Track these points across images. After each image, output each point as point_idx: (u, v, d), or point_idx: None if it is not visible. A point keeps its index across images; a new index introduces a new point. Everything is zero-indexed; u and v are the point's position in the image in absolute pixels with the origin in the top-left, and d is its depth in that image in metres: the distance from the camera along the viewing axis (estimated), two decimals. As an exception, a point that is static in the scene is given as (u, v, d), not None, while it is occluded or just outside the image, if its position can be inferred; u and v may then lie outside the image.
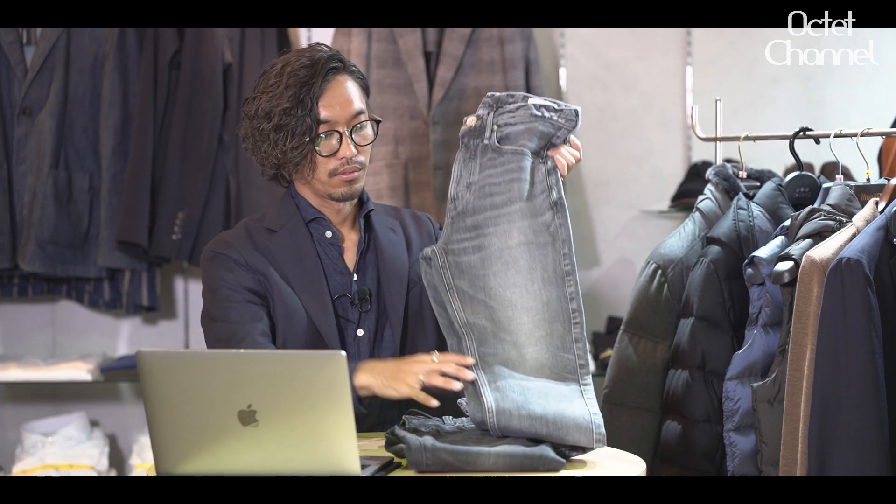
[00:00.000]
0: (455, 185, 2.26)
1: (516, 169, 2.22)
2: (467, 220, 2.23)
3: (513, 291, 2.20)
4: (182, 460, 1.88)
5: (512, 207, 2.22)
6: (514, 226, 2.21)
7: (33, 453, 3.85)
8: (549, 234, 2.21)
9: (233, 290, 2.31)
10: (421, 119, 3.96)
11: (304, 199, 2.40)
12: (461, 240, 2.23)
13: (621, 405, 2.64)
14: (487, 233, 2.22)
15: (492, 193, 2.23)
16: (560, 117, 2.24)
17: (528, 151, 2.22)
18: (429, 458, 1.97)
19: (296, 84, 2.30)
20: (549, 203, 2.22)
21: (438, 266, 2.22)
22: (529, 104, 2.24)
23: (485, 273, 2.21)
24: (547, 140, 2.23)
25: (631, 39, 4.27)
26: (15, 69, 3.85)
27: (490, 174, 2.23)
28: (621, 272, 4.27)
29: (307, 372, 1.83)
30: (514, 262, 2.21)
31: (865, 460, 2.13)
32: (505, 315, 2.19)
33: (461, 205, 2.25)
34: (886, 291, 2.20)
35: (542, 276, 2.20)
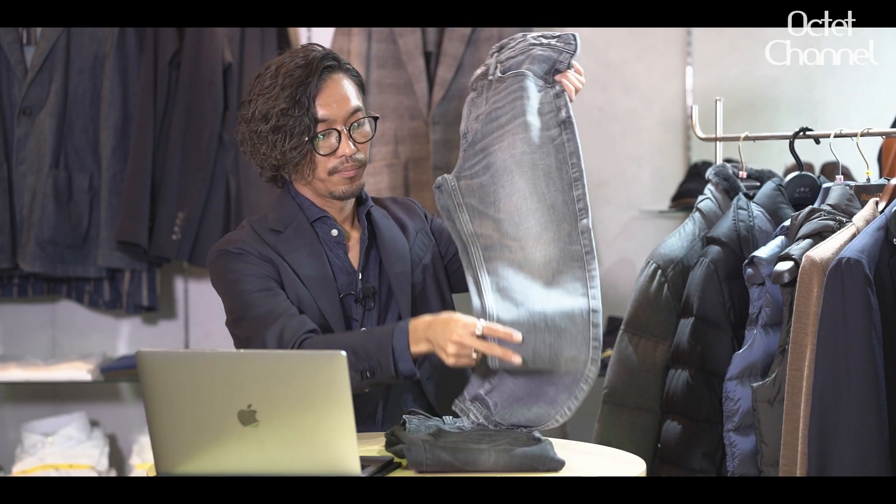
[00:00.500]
0: (465, 122, 2.33)
1: (518, 89, 2.28)
2: (476, 147, 2.30)
3: (518, 197, 2.24)
4: (182, 460, 1.88)
5: (516, 122, 2.27)
6: (517, 137, 2.27)
7: (33, 453, 3.85)
8: (554, 146, 2.26)
9: (257, 277, 2.30)
10: (421, 119, 3.96)
11: (307, 199, 2.39)
12: (472, 165, 2.30)
13: (621, 405, 2.64)
14: (493, 150, 2.28)
15: (497, 117, 2.29)
16: (558, 41, 2.32)
17: (529, 73, 2.29)
18: (429, 458, 1.97)
19: (292, 84, 2.30)
20: (556, 121, 2.28)
21: (449, 190, 2.29)
22: (528, 37, 2.33)
23: (494, 188, 2.27)
24: (550, 64, 2.30)
25: (631, 39, 4.27)
26: (15, 69, 3.85)
27: (495, 101, 2.30)
28: (621, 272, 4.27)
29: (307, 372, 1.83)
30: (519, 168, 2.25)
31: (865, 460, 2.13)
32: (512, 223, 2.24)
33: (471, 136, 2.31)
34: (886, 291, 2.20)
35: (546, 181, 2.24)
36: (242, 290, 2.29)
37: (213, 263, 2.36)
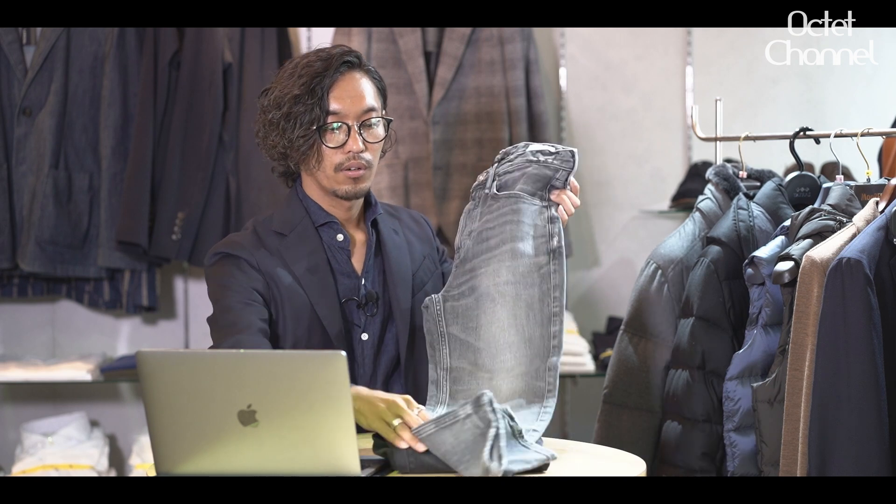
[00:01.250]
0: (459, 235, 2.33)
1: (509, 212, 2.27)
2: (466, 266, 2.30)
3: (497, 328, 2.25)
4: (182, 460, 1.88)
5: (503, 248, 2.27)
6: (503, 265, 2.27)
7: (33, 453, 3.85)
8: (539, 275, 2.26)
9: (242, 287, 2.30)
10: (421, 119, 3.96)
11: (314, 202, 2.39)
12: (459, 284, 2.30)
13: (621, 405, 2.64)
14: (479, 273, 2.28)
15: (487, 238, 2.29)
16: (555, 159, 2.29)
17: (522, 195, 2.27)
18: (412, 461, 1.97)
19: (308, 74, 2.31)
20: (546, 248, 2.27)
21: (434, 314, 2.30)
22: (527, 151, 2.30)
23: (477, 313, 2.27)
24: (545, 182, 2.29)
25: (631, 39, 4.27)
26: (15, 69, 3.85)
27: (487, 220, 2.29)
28: (621, 272, 4.27)
29: (307, 372, 1.83)
30: (501, 297, 2.26)
31: (865, 460, 2.13)
32: (489, 354, 2.24)
33: (462, 252, 2.31)
34: (886, 291, 2.20)
35: (528, 313, 2.25)
36: (224, 297, 2.30)
37: (209, 266, 2.36)
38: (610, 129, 4.28)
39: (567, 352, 3.90)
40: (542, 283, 2.25)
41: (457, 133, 3.97)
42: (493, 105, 3.95)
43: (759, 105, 4.25)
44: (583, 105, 4.27)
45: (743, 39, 4.21)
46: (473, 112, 3.96)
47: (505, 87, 3.96)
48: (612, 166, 4.28)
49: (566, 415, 4.28)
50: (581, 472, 2.02)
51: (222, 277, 2.32)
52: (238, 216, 3.89)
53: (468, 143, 3.97)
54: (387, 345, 2.37)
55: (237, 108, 3.91)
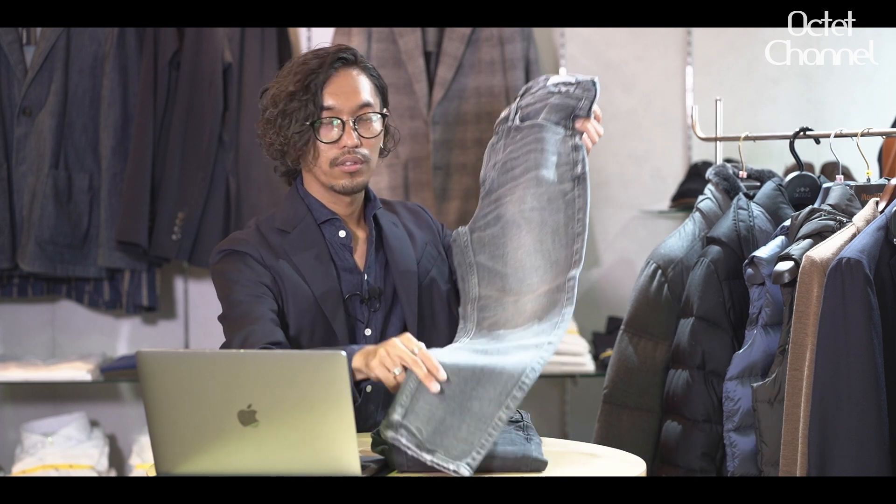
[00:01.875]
0: (484, 168, 2.37)
1: (533, 140, 2.30)
2: (491, 196, 2.34)
3: (524, 252, 2.27)
4: (182, 460, 1.88)
5: (528, 175, 2.30)
6: (528, 192, 2.29)
7: (33, 453, 3.85)
8: (564, 201, 2.28)
9: (250, 281, 2.31)
10: (421, 119, 3.96)
11: (315, 199, 2.39)
12: (485, 215, 2.33)
13: (621, 405, 2.64)
14: (505, 202, 2.31)
15: (512, 168, 2.32)
16: (577, 89, 2.33)
17: (546, 124, 2.30)
18: (409, 459, 1.97)
19: (303, 71, 2.33)
20: (571, 175, 2.30)
21: (462, 245, 2.34)
22: (548, 84, 2.34)
23: (504, 241, 2.30)
24: (567, 112, 2.32)
25: (631, 39, 4.27)
26: (15, 69, 3.85)
27: (511, 150, 2.33)
28: (621, 272, 4.27)
29: (307, 372, 1.83)
30: (527, 223, 2.28)
31: (865, 460, 2.13)
32: (516, 279, 2.26)
33: (488, 184, 2.35)
34: (886, 291, 2.19)
35: (553, 238, 2.27)
36: (233, 292, 2.31)
37: (214, 263, 2.37)
38: (610, 129, 4.28)
39: (567, 352, 3.90)
40: (567, 208, 2.27)
41: (457, 133, 3.97)
42: (493, 105, 3.95)
43: (759, 105, 4.25)
44: (583, 105, 4.27)
45: (743, 39, 4.21)
46: (473, 112, 3.96)
47: (505, 87, 3.96)
48: (612, 166, 4.28)
49: (566, 415, 4.28)
50: (581, 472, 2.02)
51: (229, 273, 2.33)
52: (238, 216, 3.89)
53: (468, 143, 3.97)
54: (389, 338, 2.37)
55: (237, 108, 3.91)
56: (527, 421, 2.15)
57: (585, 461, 2.12)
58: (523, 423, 2.14)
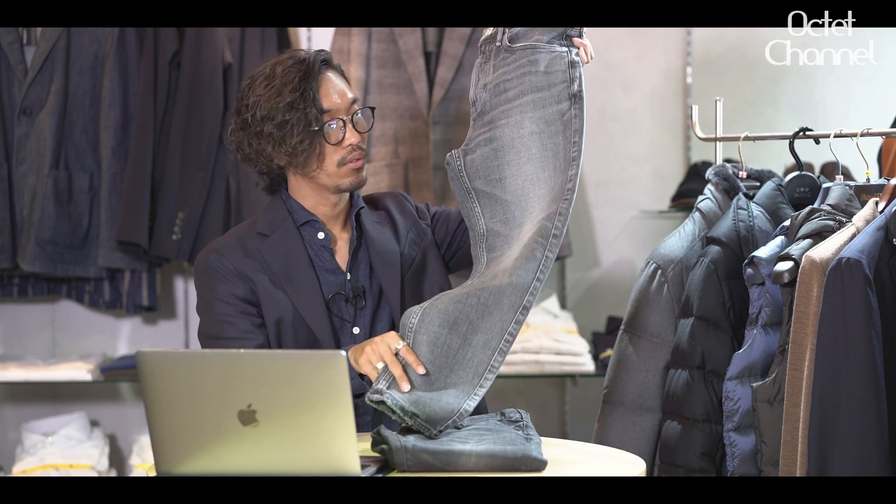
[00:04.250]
0: (473, 89, 2.36)
1: (527, 63, 2.30)
2: (484, 118, 2.32)
3: (525, 180, 2.27)
4: (182, 460, 1.88)
5: (524, 99, 2.29)
6: (526, 116, 2.29)
7: (33, 453, 3.85)
8: (562, 122, 2.27)
9: (227, 302, 2.33)
10: (421, 119, 3.96)
11: (296, 202, 2.41)
12: (477, 136, 2.32)
13: (621, 405, 2.64)
14: (500, 125, 2.30)
15: (506, 89, 2.31)
16: None
17: (538, 45, 2.31)
18: (409, 458, 1.97)
19: (293, 80, 2.32)
20: (568, 93, 2.29)
21: (456, 169, 2.33)
22: None
23: (498, 164, 2.29)
24: (560, 32, 2.34)
25: (631, 39, 4.27)
26: (15, 69, 3.85)
27: (504, 72, 2.32)
28: (621, 272, 4.27)
29: (307, 372, 1.83)
30: (527, 150, 2.28)
31: (865, 460, 2.13)
32: (519, 208, 2.27)
33: (479, 105, 2.34)
34: (886, 291, 2.19)
35: (554, 163, 2.27)
36: (212, 311, 2.34)
37: (195, 273, 2.41)
38: (610, 129, 4.28)
39: (567, 352, 3.90)
40: (566, 129, 2.27)
41: (457, 133, 3.97)
42: (494, 105, 3.95)
43: (759, 105, 4.25)
44: (583, 105, 4.27)
45: (743, 39, 4.21)
46: (473, 112, 3.96)
47: (505, 87, 3.96)
48: (612, 166, 4.28)
49: (566, 415, 4.29)
50: (581, 472, 2.02)
51: (203, 292, 2.36)
52: (238, 216, 3.89)
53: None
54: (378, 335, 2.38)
55: (234, 113, 3.91)
56: (527, 421, 2.16)
57: (585, 461, 2.12)
58: (523, 423, 2.14)
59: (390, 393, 2.09)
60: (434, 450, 1.99)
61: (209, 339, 2.34)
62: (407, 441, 2.01)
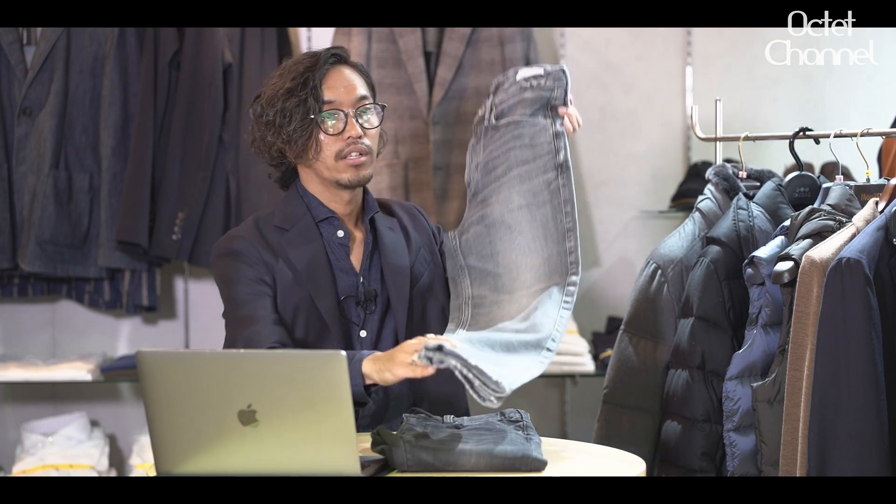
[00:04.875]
0: (467, 171, 2.38)
1: (511, 138, 2.31)
2: (477, 198, 2.35)
3: (517, 253, 2.28)
4: (182, 460, 1.88)
5: (511, 174, 2.31)
6: (513, 191, 2.30)
7: (33, 453, 3.85)
8: (549, 192, 2.29)
9: (250, 280, 2.32)
10: (421, 119, 3.96)
11: (315, 197, 2.40)
12: (471, 216, 2.34)
13: (621, 405, 2.64)
14: (490, 202, 2.32)
15: (494, 167, 2.33)
16: (548, 80, 2.34)
17: (523, 119, 2.31)
18: (409, 458, 1.98)
19: (298, 70, 2.34)
20: (554, 163, 2.30)
21: (452, 250, 2.35)
22: (518, 79, 2.34)
23: (490, 240, 2.30)
24: (542, 103, 2.33)
25: (631, 39, 4.27)
26: (15, 69, 3.85)
27: (491, 150, 2.34)
28: (621, 272, 4.27)
29: (307, 372, 1.83)
30: (517, 224, 2.29)
31: (865, 460, 2.13)
32: (509, 277, 2.28)
33: (473, 186, 2.36)
34: (886, 291, 2.19)
35: (544, 233, 2.29)
36: (234, 292, 2.32)
37: (214, 263, 2.39)
38: (610, 129, 4.28)
39: (567, 352, 3.90)
40: (553, 198, 2.28)
41: (457, 133, 3.97)
42: (493, 105, 3.95)
43: (759, 105, 4.25)
44: (583, 105, 4.26)
45: (743, 39, 4.21)
46: (473, 112, 3.93)
47: (505, 87, 3.95)
48: (612, 166, 4.28)
49: (566, 415, 4.28)
50: (581, 472, 2.02)
51: (229, 273, 2.34)
52: (238, 216, 3.89)
53: (468, 143, 3.97)
54: (384, 341, 2.38)
55: (237, 108, 3.91)
56: (526, 421, 2.16)
57: (585, 461, 2.12)
58: (523, 423, 2.14)
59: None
60: (434, 449, 1.99)
61: (240, 322, 2.29)
62: (407, 441, 2.01)
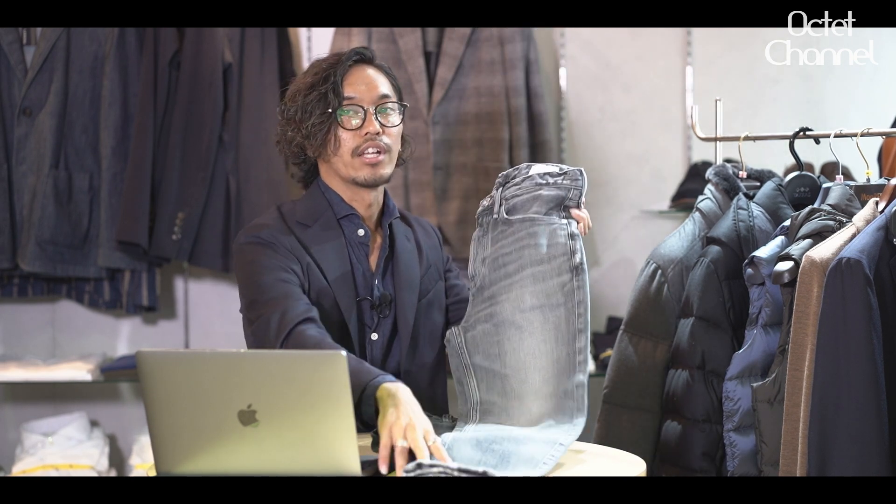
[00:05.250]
0: (472, 264, 2.30)
1: (526, 236, 2.25)
2: (484, 294, 2.27)
3: (526, 353, 2.23)
4: (182, 460, 1.88)
5: (524, 273, 2.25)
6: (526, 290, 2.24)
7: (33, 453, 3.85)
8: (563, 293, 2.24)
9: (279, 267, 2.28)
10: (421, 119, 3.96)
11: (336, 194, 2.40)
12: (477, 312, 2.27)
13: (621, 405, 2.64)
14: (500, 300, 2.25)
15: (505, 263, 2.26)
16: (565, 179, 2.27)
17: (538, 217, 2.25)
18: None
19: (321, 67, 2.35)
20: (569, 265, 2.25)
21: (457, 347, 2.27)
22: (533, 173, 2.27)
23: (498, 339, 2.24)
24: (558, 203, 2.27)
25: (631, 39, 4.27)
26: (15, 69, 3.85)
27: (502, 245, 2.27)
28: (621, 272, 4.27)
29: (307, 372, 1.83)
30: (529, 325, 2.24)
31: (865, 460, 2.13)
32: (518, 379, 2.22)
33: (479, 280, 2.28)
34: (886, 291, 2.19)
35: (556, 335, 2.24)
36: (262, 277, 2.28)
37: (241, 249, 2.35)
38: (610, 129, 4.28)
39: (567, 352, 3.90)
40: (567, 301, 2.23)
41: (457, 133, 3.97)
42: (493, 105, 3.95)
43: (759, 105, 4.25)
44: (583, 105, 4.28)
45: (743, 39, 4.21)
46: (473, 112, 3.96)
47: (505, 87, 3.95)
48: (612, 166, 4.28)
49: (566, 415, 4.28)
50: (581, 472, 2.02)
51: (258, 258, 2.30)
52: (238, 216, 3.89)
53: (468, 143, 3.97)
54: (394, 348, 2.38)
55: (237, 108, 3.91)
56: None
57: (585, 461, 2.12)
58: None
59: None
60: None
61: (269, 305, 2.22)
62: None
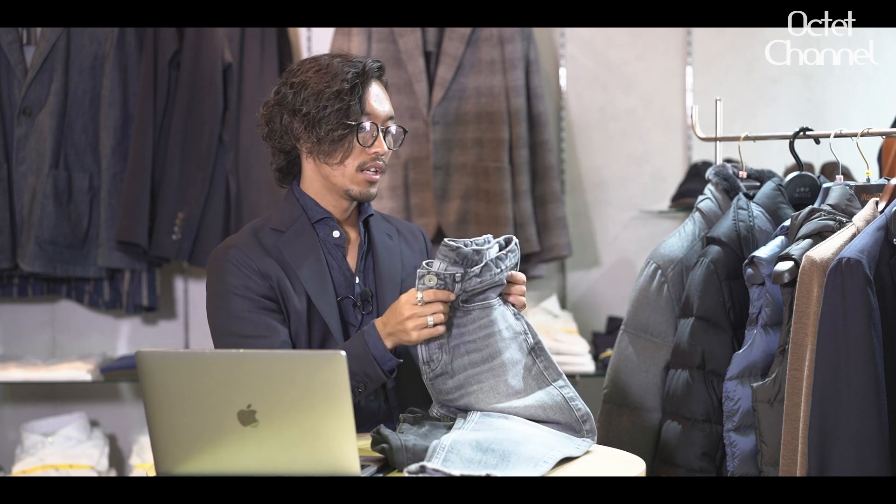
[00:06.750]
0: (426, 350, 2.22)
1: (488, 324, 2.21)
2: (448, 383, 2.22)
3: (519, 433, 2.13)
4: (182, 460, 1.88)
5: (494, 362, 2.20)
6: (500, 380, 2.21)
7: (33, 453, 3.85)
8: (533, 378, 2.21)
9: (246, 297, 2.30)
10: (421, 119, 3.96)
11: (311, 199, 2.40)
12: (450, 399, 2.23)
13: (621, 405, 2.64)
14: (472, 391, 2.21)
15: (468, 351, 2.21)
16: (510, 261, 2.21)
17: (493, 303, 2.21)
18: (409, 458, 1.98)
19: (348, 75, 2.33)
20: (527, 347, 2.23)
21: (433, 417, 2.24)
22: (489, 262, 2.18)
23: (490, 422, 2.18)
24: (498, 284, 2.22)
25: (631, 39, 4.27)
26: (15, 69, 3.85)
27: (462, 333, 2.21)
28: (621, 272, 4.27)
29: (307, 372, 1.83)
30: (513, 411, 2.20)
31: (865, 460, 2.13)
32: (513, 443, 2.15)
33: (439, 367, 2.22)
34: (886, 291, 2.19)
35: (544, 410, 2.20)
36: (232, 304, 2.30)
37: (211, 273, 2.36)
38: (610, 129, 4.28)
39: (567, 352, 3.90)
40: (540, 384, 2.21)
41: (457, 133, 3.97)
42: (493, 105, 3.95)
43: (759, 105, 4.25)
44: (583, 105, 4.28)
45: (743, 39, 4.21)
46: (473, 112, 3.96)
47: (505, 87, 3.95)
48: (612, 166, 4.28)
49: (566, 415, 4.28)
50: (581, 472, 2.02)
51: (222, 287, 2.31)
52: (238, 216, 3.89)
53: (468, 143, 3.97)
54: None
55: (237, 108, 3.91)
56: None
57: (585, 461, 2.12)
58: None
59: None
60: None
61: (225, 336, 2.29)
62: (407, 440, 2.01)
